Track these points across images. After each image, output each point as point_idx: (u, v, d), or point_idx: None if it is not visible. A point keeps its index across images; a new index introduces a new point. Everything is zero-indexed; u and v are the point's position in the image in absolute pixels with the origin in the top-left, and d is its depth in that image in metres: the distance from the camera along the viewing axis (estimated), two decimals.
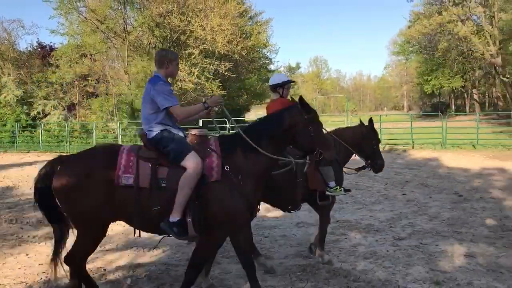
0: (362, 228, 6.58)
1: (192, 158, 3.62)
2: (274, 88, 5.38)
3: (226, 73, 28.76)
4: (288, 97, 5.08)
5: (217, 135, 4.20)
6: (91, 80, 28.07)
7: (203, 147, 3.81)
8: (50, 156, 20.05)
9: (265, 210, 7.94)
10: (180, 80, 26.64)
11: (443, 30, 38.75)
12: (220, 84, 29.26)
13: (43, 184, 3.73)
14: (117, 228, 6.93)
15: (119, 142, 22.37)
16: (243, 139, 3.79)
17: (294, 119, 3.89)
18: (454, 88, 56.25)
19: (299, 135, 3.90)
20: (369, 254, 5.36)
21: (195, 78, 26.30)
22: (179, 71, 22.98)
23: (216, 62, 27.91)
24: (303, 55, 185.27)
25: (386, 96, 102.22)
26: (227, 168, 3.70)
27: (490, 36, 37.25)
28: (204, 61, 27.66)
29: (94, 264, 5.28)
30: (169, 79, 4.15)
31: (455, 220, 6.91)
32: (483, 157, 15.04)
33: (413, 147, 18.36)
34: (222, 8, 28.69)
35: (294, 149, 4.19)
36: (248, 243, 4.35)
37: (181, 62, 26.58)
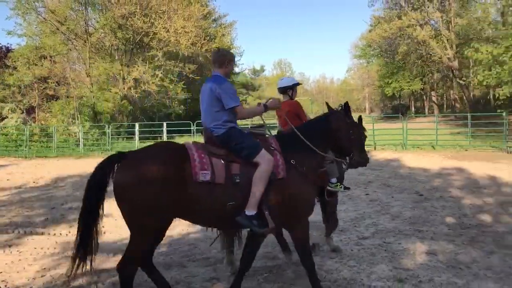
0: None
1: (265, 155, 3.84)
2: (284, 90, 5.75)
3: (190, 76, 28.61)
4: (280, 98, 5.37)
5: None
6: (51, 83, 27.31)
7: (266, 145, 4.00)
8: (7, 161, 19.45)
9: None
10: (144, 82, 26.31)
11: (402, 34, 39.79)
12: (185, 86, 29.08)
13: (98, 179, 3.70)
14: None
15: (81, 146, 21.87)
16: (299, 139, 4.13)
17: (338, 123, 4.33)
18: (413, 91, 57.77)
19: (341, 137, 4.33)
20: (334, 254, 5.44)
21: (158, 81, 26.01)
22: (143, 74, 22.56)
23: (180, 64, 27.75)
24: (267, 58, 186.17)
25: (348, 98, 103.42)
26: (293, 162, 3.99)
27: (447, 40, 38.50)
28: (168, 63, 27.45)
29: (56, 270, 5.15)
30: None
31: (417, 218, 7.10)
32: (442, 158, 15.52)
33: (375, 148, 18.75)
34: (185, 10, 28.57)
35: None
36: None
37: (145, 64, 26.27)
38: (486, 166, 13.11)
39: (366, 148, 4.70)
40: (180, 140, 24.57)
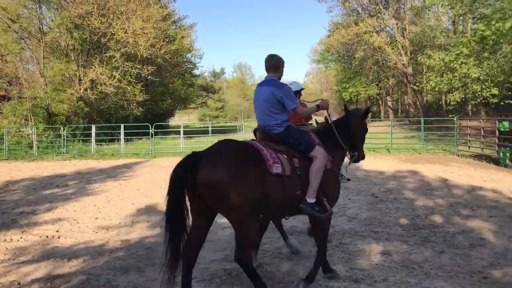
0: (286, 230, 6.73)
1: (320, 150, 4.39)
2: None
3: (149, 77, 28.25)
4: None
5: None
6: (2, 83, 26.26)
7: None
8: None
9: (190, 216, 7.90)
10: (101, 83, 25.73)
11: (359, 40, 40.73)
12: (143, 88, 28.66)
13: (181, 179, 3.87)
14: (33, 239, 6.59)
15: (34, 149, 21.15)
16: (332, 134, 4.79)
17: (356, 123, 5.10)
18: (370, 96, 59.18)
19: (356, 135, 5.11)
20: (292, 256, 5.51)
21: (116, 82, 25.51)
22: (100, 75, 22.08)
23: (138, 66, 27.33)
24: (227, 61, 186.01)
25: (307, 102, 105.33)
26: (331, 158, 4.58)
27: (402, 47, 39.69)
28: (126, 65, 26.98)
29: (6, 278, 4.98)
30: None
31: (372, 220, 7.29)
32: (397, 160, 15.99)
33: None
34: (144, 11, 28.19)
35: None
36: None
37: (102, 65, 25.71)
38: (438, 169, 13.63)
39: None
40: (138, 142, 24.19)
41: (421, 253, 5.55)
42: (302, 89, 6.54)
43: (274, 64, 4.70)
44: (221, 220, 7.43)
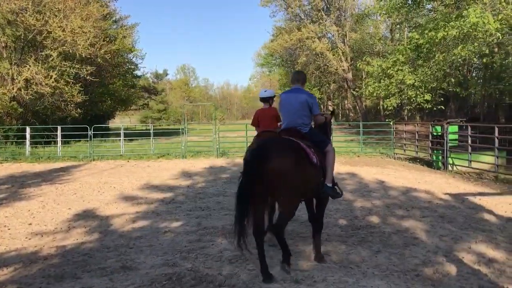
0: (228, 233, 6.71)
1: (331, 146, 5.54)
2: (266, 99, 7.20)
3: (88, 77, 27.27)
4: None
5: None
6: None
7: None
8: None
9: (130, 220, 7.73)
10: (36, 83, 24.59)
11: (302, 46, 41.56)
12: (82, 88, 27.62)
13: (255, 168, 4.66)
14: None
15: None
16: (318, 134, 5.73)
17: (330, 121, 6.32)
18: None
19: (328, 132, 6.24)
20: (234, 259, 5.50)
21: (53, 82, 24.46)
22: (35, 74, 21.01)
23: (77, 66, 26.31)
24: (170, 63, 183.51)
25: (252, 105, 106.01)
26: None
27: (342, 53, 40.90)
28: (64, 64, 25.89)
29: None
30: None
31: None
32: (337, 163, 16.31)
33: None
34: (83, 9, 27.26)
35: None
36: None
37: (37, 64, 24.58)
38: (376, 171, 14.14)
39: None
40: (76, 144, 23.33)
41: (358, 253, 5.72)
42: (274, 95, 7.39)
43: (303, 77, 6.02)
44: (162, 224, 7.34)
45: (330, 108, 55.38)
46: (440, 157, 14.95)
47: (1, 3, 23.57)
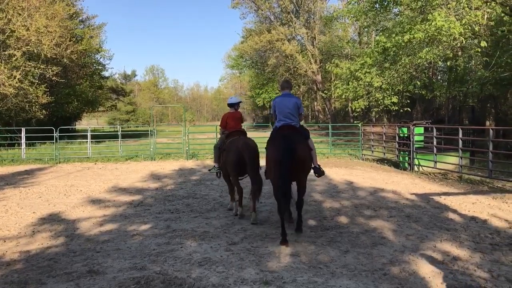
0: (198, 235, 6.70)
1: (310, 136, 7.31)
2: (233, 105, 8.72)
3: (53, 78, 26.63)
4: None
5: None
6: None
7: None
8: None
9: (97, 224, 7.58)
10: None
11: (272, 47, 41.75)
12: (47, 90, 26.98)
13: (290, 157, 6.25)
14: None
15: None
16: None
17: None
18: None
19: None
20: (204, 261, 5.47)
21: (16, 82, 23.78)
22: None
23: (42, 66, 25.64)
24: (139, 63, 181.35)
25: (222, 107, 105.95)
26: None
27: (312, 55, 41.29)
28: (28, 64, 25.20)
29: None
30: None
31: None
32: None
33: None
34: (49, 8, 26.60)
35: None
36: None
37: (0, 64, 23.84)
38: (344, 172, 14.33)
39: None
40: (41, 147, 22.76)
41: (327, 253, 5.78)
42: (240, 102, 8.99)
43: (290, 85, 7.50)
44: (130, 227, 7.23)
45: None
46: (407, 158, 15.26)
47: None
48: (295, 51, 39.96)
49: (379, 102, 21.29)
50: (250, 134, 9.00)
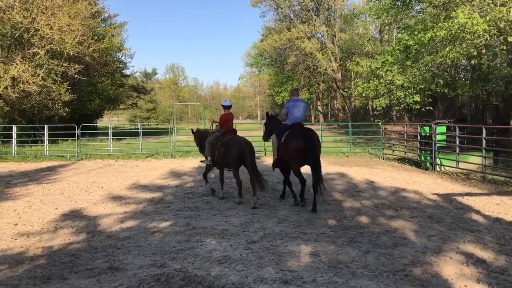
0: (217, 233, 6.70)
1: None
2: (227, 107, 9.94)
3: (76, 76, 27.01)
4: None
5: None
6: None
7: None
8: None
9: (118, 220, 7.66)
10: (23, 81, 24.30)
11: (291, 46, 41.57)
12: (70, 87, 27.37)
13: (310, 145, 8.24)
14: None
15: None
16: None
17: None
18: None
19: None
20: (223, 259, 5.47)
21: (40, 80, 24.18)
22: (22, 73, 20.79)
23: (64, 64, 26.03)
24: (160, 62, 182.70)
25: (241, 105, 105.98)
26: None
27: (331, 53, 41.00)
28: (51, 62, 25.60)
29: None
30: None
31: (302, 222, 7.42)
32: (326, 163, 16.43)
33: (265, 154, 19.28)
34: (71, 7, 26.96)
35: None
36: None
37: (24, 62, 24.28)
38: (365, 171, 14.18)
39: (257, 154, 6.22)
40: (63, 144, 23.11)
41: (348, 253, 5.72)
42: (230, 105, 10.04)
43: (299, 92, 9.63)
44: (151, 224, 7.28)
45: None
46: (428, 158, 15.04)
47: None
48: (315, 49, 39.73)
49: (401, 101, 21.05)
50: None
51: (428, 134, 15.30)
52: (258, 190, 8.84)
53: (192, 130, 11.66)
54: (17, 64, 24.02)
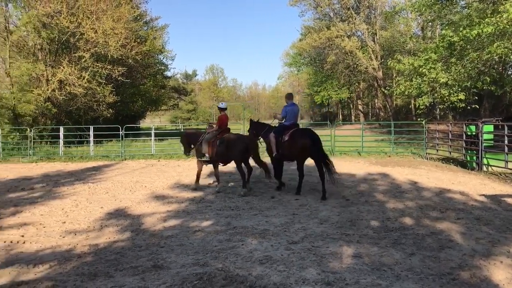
0: (258, 233, 6.71)
1: None
2: (223, 109, 11.06)
3: (119, 78, 27.75)
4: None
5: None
6: None
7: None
8: None
9: (161, 219, 7.79)
10: (69, 84, 25.17)
11: (331, 44, 41.12)
12: (113, 89, 28.14)
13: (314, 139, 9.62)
14: None
15: (0, 150, 20.50)
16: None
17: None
18: (341, 99, 59.82)
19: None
20: (264, 259, 5.47)
21: (85, 83, 24.98)
22: (69, 75, 21.56)
23: (108, 67, 26.79)
24: (199, 63, 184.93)
25: (280, 105, 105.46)
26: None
27: (372, 51, 40.30)
28: (96, 65, 26.42)
29: None
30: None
31: (344, 223, 7.32)
32: (367, 163, 16.18)
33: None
34: (115, 11, 27.72)
35: None
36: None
37: (71, 65, 25.15)
38: (408, 172, 13.86)
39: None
40: (108, 144, 23.74)
41: (391, 255, 5.60)
42: (226, 107, 11.20)
43: (293, 96, 10.74)
44: (192, 223, 7.37)
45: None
46: (475, 158, 14.54)
47: (38, 6, 24.20)
48: (355, 47, 39.12)
49: (445, 99, 20.42)
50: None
51: (474, 133, 14.80)
52: (266, 175, 10.78)
53: (181, 131, 13.32)
54: (63, 67, 24.93)
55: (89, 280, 4.91)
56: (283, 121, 10.65)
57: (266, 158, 11.67)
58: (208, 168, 15.95)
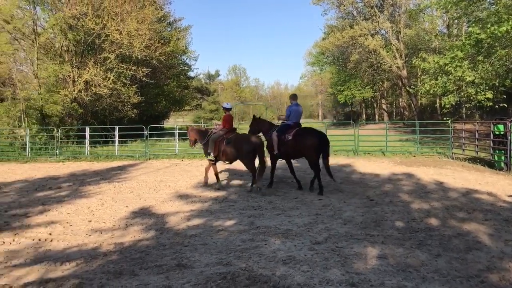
0: (281, 233, 6.69)
1: None
2: (229, 109, 11.36)
3: (144, 79, 28.09)
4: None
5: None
6: None
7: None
8: None
9: (185, 218, 7.85)
10: (95, 85, 25.58)
11: (354, 43, 40.72)
12: (138, 90, 28.51)
13: (323, 141, 10.11)
14: (25, 241, 6.52)
15: (28, 150, 20.96)
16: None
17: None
18: (364, 98, 59.29)
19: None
20: (288, 259, 5.45)
21: (110, 83, 25.37)
22: (94, 76, 21.95)
23: (133, 67, 27.15)
24: (222, 63, 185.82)
25: (302, 104, 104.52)
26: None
27: (396, 49, 39.76)
28: (121, 66, 26.80)
29: None
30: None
31: (368, 223, 7.25)
32: (392, 163, 15.98)
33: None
34: (139, 12, 28.06)
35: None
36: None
37: (96, 66, 25.57)
38: (433, 172, 13.63)
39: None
40: (132, 144, 24.05)
41: (417, 256, 5.51)
42: (231, 108, 11.51)
43: (297, 97, 11.09)
44: (216, 223, 7.40)
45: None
46: (503, 158, 14.20)
47: (64, 9, 24.68)
48: (379, 46, 38.67)
49: (472, 98, 20.01)
50: (331, 132, 10.24)
51: (502, 133, 14.45)
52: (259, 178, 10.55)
53: (186, 126, 13.50)
54: (89, 68, 25.37)
55: (114, 278, 4.98)
56: (286, 121, 10.89)
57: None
58: (226, 166, 16.07)
